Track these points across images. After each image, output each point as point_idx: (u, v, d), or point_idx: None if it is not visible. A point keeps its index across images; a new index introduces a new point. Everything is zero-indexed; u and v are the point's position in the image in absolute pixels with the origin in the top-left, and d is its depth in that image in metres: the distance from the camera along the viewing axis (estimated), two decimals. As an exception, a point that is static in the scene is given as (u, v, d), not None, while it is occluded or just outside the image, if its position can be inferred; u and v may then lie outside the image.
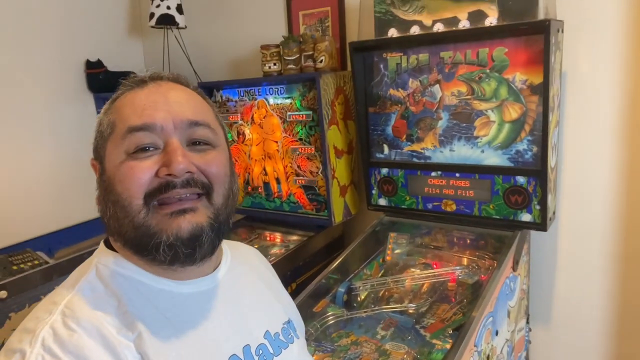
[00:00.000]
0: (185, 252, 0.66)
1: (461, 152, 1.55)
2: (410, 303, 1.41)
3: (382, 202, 1.78)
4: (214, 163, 0.70)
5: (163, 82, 0.72)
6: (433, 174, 1.63)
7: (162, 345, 0.65)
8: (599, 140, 1.57)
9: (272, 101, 1.92)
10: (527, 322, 1.70)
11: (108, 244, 0.74)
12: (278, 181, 2.00)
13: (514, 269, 1.45)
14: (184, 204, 0.66)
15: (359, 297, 1.48)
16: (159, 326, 0.66)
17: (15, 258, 1.99)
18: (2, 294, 1.69)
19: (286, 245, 1.97)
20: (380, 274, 1.61)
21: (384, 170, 1.73)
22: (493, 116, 1.47)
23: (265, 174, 2.03)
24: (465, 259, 1.60)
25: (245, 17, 2.30)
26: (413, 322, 1.34)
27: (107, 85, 2.38)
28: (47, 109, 2.27)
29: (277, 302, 0.86)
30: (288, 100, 1.88)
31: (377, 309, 1.41)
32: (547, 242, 1.72)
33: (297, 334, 0.85)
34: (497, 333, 1.33)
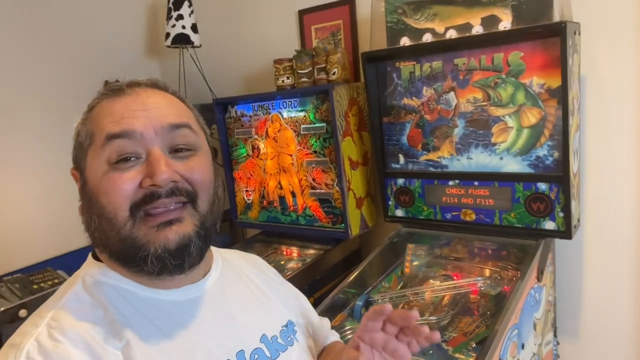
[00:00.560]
0: (174, 263, 0.66)
1: (479, 159, 1.52)
2: (431, 316, 1.36)
3: (399, 213, 1.74)
4: (198, 169, 0.69)
5: (141, 89, 0.71)
6: (451, 183, 1.59)
7: (150, 353, 0.64)
8: (621, 144, 1.52)
9: (286, 115, 1.92)
10: (555, 335, 1.63)
11: (96, 255, 0.73)
12: (293, 195, 1.98)
13: (538, 279, 1.39)
14: (170, 214, 0.66)
15: (377, 311, 1.44)
16: (147, 334, 0.65)
17: (35, 277, 2.01)
18: (23, 312, 1.70)
19: (303, 259, 1.95)
20: (399, 286, 1.56)
21: (400, 181, 1.71)
22: (511, 122, 1.43)
23: (281, 188, 2.02)
24: (487, 270, 1.55)
25: (258, 33, 2.32)
26: (434, 335, 1.29)
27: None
28: (67, 128, 2.31)
29: (276, 304, 0.85)
30: (302, 113, 1.88)
31: (396, 323, 1.36)
32: (572, 251, 1.65)
33: (297, 336, 0.83)
34: (523, 346, 1.27)
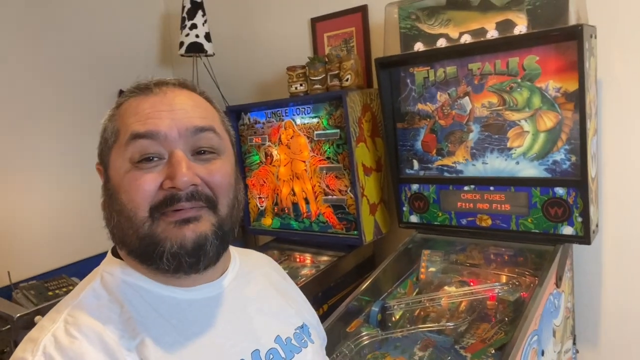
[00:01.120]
0: (189, 261, 0.66)
1: (494, 164, 1.51)
2: (448, 322, 1.35)
3: (414, 219, 1.73)
4: (218, 173, 0.69)
5: (168, 89, 0.71)
6: (466, 188, 1.58)
7: (165, 352, 0.64)
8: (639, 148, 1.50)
9: (299, 121, 1.93)
10: (574, 343, 1.60)
11: (115, 252, 0.74)
12: (307, 201, 1.98)
13: (557, 284, 1.37)
14: (189, 212, 0.66)
15: (393, 317, 1.43)
16: (162, 333, 0.66)
17: (50, 284, 2.02)
18: (38, 318, 1.71)
19: (316, 266, 1.94)
20: (414, 292, 1.55)
21: (415, 186, 1.70)
22: (527, 126, 1.42)
23: (294, 195, 2.02)
24: (503, 276, 1.53)
25: (270, 41, 2.34)
26: (452, 342, 1.28)
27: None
28: (82, 137, 2.34)
29: (290, 307, 0.85)
30: (315, 120, 1.88)
31: (413, 329, 1.35)
32: (590, 257, 1.63)
33: (312, 338, 0.83)
34: (542, 353, 1.25)
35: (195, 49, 2.28)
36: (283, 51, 2.29)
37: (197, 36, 2.27)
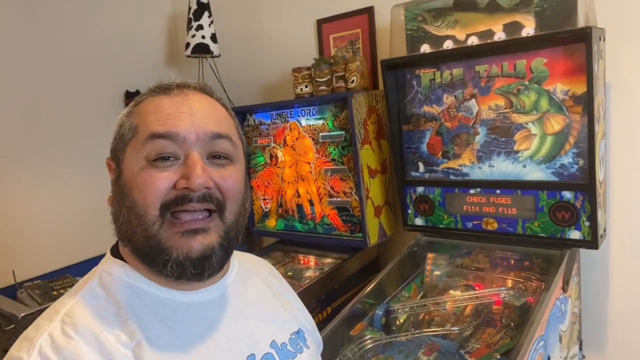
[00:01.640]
0: (193, 272, 0.67)
1: (501, 167, 1.49)
2: (453, 326, 1.33)
3: (419, 221, 1.72)
4: (231, 179, 0.70)
5: (189, 92, 0.72)
6: (472, 191, 1.57)
7: (161, 354, 0.64)
8: (650, 152, 1.48)
9: (304, 123, 1.93)
10: (580, 348, 1.58)
11: (114, 252, 0.74)
12: (311, 203, 1.98)
13: (564, 289, 1.35)
14: (197, 223, 0.66)
15: (397, 320, 1.42)
16: (159, 334, 0.65)
17: (55, 284, 2.02)
18: (42, 318, 1.71)
19: (320, 268, 1.93)
20: (419, 296, 1.54)
21: (420, 189, 1.69)
22: (534, 129, 1.41)
23: (298, 196, 2.01)
24: (509, 281, 1.52)
25: (276, 43, 2.34)
26: (457, 346, 1.26)
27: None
28: (87, 138, 2.35)
29: (287, 312, 0.85)
30: (320, 121, 1.88)
31: (417, 333, 1.34)
32: (597, 262, 1.61)
33: (308, 344, 0.83)
34: (549, 359, 1.23)
35: (202, 50, 2.28)
36: (288, 52, 2.28)
37: (203, 37, 2.27)
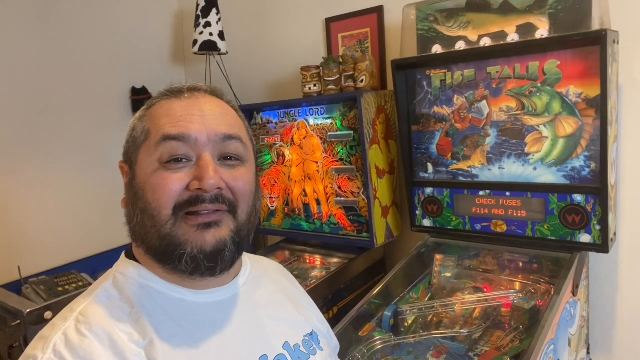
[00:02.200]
0: (207, 265, 0.67)
1: (511, 169, 1.49)
2: (461, 329, 1.33)
3: (427, 223, 1.71)
4: (242, 180, 0.71)
5: (200, 94, 0.73)
6: (481, 193, 1.56)
7: (173, 353, 0.65)
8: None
9: (312, 122, 1.92)
10: (588, 352, 1.57)
11: (128, 254, 0.75)
12: (318, 202, 1.97)
13: (574, 293, 1.35)
14: (210, 216, 0.67)
15: (405, 322, 1.41)
16: (171, 334, 0.66)
17: (60, 280, 2.03)
18: (48, 314, 1.71)
19: (327, 267, 1.93)
20: (427, 297, 1.53)
21: (429, 190, 1.68)
22: (546, 132, 1.40)
23: (305, 195, 2.01)
24: (517, 283, 1.51)
25: (284, 41, 2.33)
26: (466, 349, 1.26)
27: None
28: (94, 134, 2.35)
29: (300, 314, 0.85)
30: (329, 121, 1.87)
31: (426, 335, 1.34)
32: (606, 266, 1.60)
33: (321, 346, 0.83)
34: (559, 363, 1.23)
35: (209, 47, 2.27)
36: (297, 51, 2.27)
37: (210, 34, 2.26)
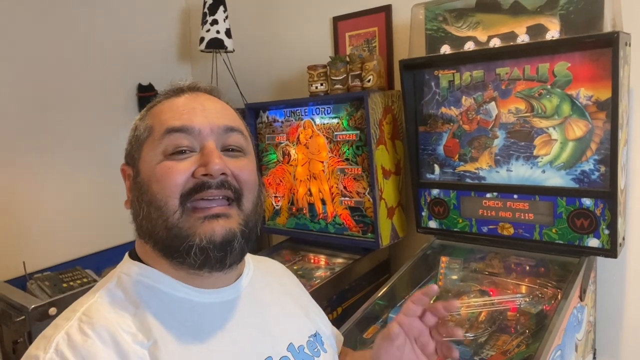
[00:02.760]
0: (217, 255, 0.66)
1: (519, 172, 1.47)
2: (467, 332, 1.32)
3: (433, 224, 1.70)
4: (246, 169, 0.72)
5: (200, 93, 0.75)
6: (488, 195, 1.55)
7: (178, 354, 0.64)
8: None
9: (318, 121, 1.91)
10: (594, 357, 1.56)
11: (132, 255, 0.75)
12: (323, 202, 1.96)
13: (581, 298, 1.33)
14: (217, 209, 0.67)
15: (410, 324, 1.40)
16: (176, 335, 0.65)
17: (65, 276, 2.03)
18: (52, 310, 1.71)
19: (331, 268, 1.92)
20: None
21: (435, 191, 1.67)
22: (555, 134, 1.39)
23: (310, 195, 2.00)
24: (523, 287, 1.50)
25: (291, 40, 2.32)
26: (471, 353, 1.25)
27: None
28: (100, 131, 2.35)
29: (304, 315, 0.85)
30: (335, 120, 1.86)
31: (431, 338, 1.32)
32: (614, 270, 1.59)
33: (325, 347, 0.83)
34: (565, 368, 1.22)
35: (216, 44, 2.26)
36: (303, 50, 2.26)
37: (217, 32, 2.26)
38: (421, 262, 1.66)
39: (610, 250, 1.36)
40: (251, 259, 0.85)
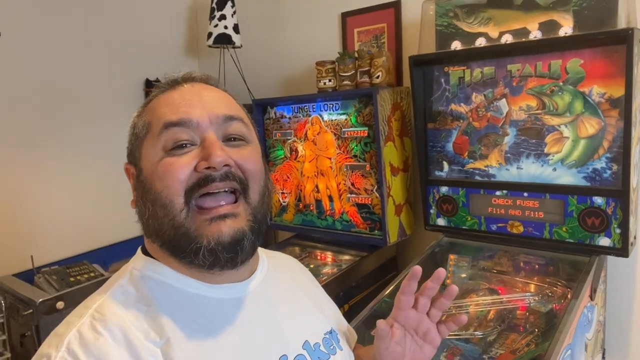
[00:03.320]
0: (226, 256, 0.65)
1: (530, 170, 1.46)
2: (476, 331, 1.31)
3: (441, 222, 1.69)
4: (250, 159, 0.70)
5: (196, 83, 0.73)
6: (498, 193, 1.53)
7: (191, 352, 0.63)
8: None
9: (326, 117, 1.90)
10: (603, 357, 1.55)
11: (145, 250, 0.73)
12: (331, 199, 1.95)
13: (591, 297, 1.32)
14: (224, 209, 0.66)
15: (418, 322, 1.40)
16: (189, 332, 0.64)
17: (72, 270, 2.04)
18: (60, 304, 1.72)
19: (338, 265, 1.91)
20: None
21: (444, 189, 1.66)
22: (566, 132, 1.37)
23: (318, 191, 1.99)
24: (532, 286, 1.49)
25: (299, 35, 2.31)
26: (480, 351, 1.24)
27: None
28: (107, 126, 2.35)
29: (319, 312, 0.83)
30: (343, 117, 1.85)
31: (439, 336, 1.32)
32: (625, 270, 1.57)
33: (341, 345, 0.81)
34: (575, 368, 1.21)
35: (224, 40, 2.26)
36: (311, 46, 2.25)
37: (225, 27, 2.25)
38: (429, 260, 1.65)
39: (622, 249, 1.35)
40: (264, 254, 0.83)
